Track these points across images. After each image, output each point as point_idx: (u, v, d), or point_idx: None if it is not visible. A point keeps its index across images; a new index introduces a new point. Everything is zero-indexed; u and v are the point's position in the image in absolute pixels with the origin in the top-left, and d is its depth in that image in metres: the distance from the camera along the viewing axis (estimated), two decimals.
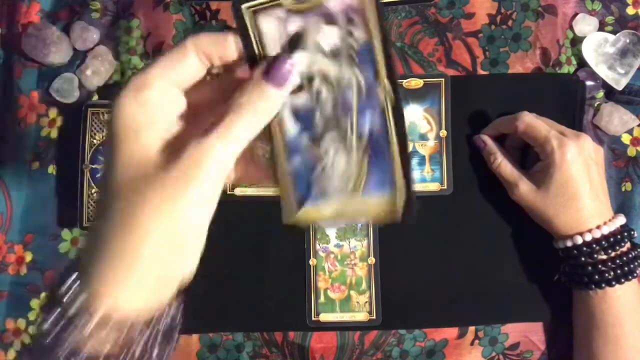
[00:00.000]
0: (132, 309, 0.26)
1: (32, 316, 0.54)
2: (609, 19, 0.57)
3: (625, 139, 0.55)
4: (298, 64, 0.27)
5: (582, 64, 0.56)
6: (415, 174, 0.53)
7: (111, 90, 0.55)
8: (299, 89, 0.28)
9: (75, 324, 0.25)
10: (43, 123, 0.56)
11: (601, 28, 0.56)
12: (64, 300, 0.26)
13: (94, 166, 0.52)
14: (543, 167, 0.48)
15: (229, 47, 0.27)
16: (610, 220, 0.48)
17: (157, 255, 0.25)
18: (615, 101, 0.55)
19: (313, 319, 0.53)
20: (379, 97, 0.28)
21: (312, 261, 0.53)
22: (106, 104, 0.53)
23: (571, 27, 0.56)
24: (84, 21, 0.56)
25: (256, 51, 0.27)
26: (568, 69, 0.56)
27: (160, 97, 0.27)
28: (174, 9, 0.56)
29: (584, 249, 0.47)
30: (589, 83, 0.55)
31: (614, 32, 0.55)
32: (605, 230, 0.47)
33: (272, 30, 0.27)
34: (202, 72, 0.28)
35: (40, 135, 0.56)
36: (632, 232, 0.48)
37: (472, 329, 0.53)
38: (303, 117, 0.28)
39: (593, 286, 0.47)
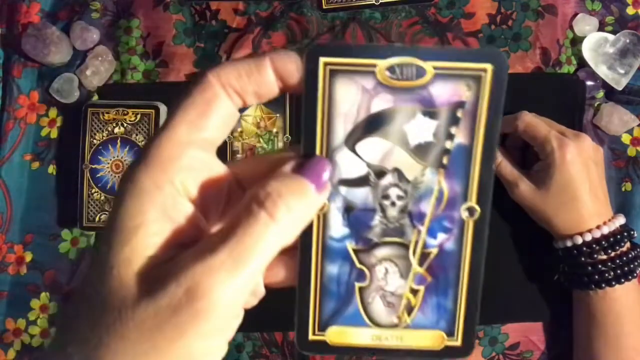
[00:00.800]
0: None
1: (32, 316, 0.54)
2: (609, 19, 0.57)
3: (625, 139, 0.55)
4: (370, 152, 0.21)
5: (582, 64, 0.56)
6: None
7: (111, 90, 0.55)
8: (361, 182, 0.22)
9: None
10: (43, 123, 0.56)
11: (601, 28, 0.56)
12: None
13: (94, 166, 0.52)
14: (543, 167, 0.48)
15: (266, 79, 0.21)
16: (610, 220, 0.48)
17: None
18: (615, 101, 0.55)
19: None
20: (460, 217, 0.22)
21: None
22: (106, 104, 0.53)
23: (571, 27, 0.56)
24: (84, 21, 0.56)
25: (317, 123, 0.21)
26: (568, 69, 0.56)
27: (195, 175, 0.20)
28: (174, 9, 0.56)
29: (584, 249, 0.47)
30: (589, 83, 0.55)
31: (614, 32, 0.55)
32: (605, 230, 0.47)
33: (349, 102, 0.21)
34: (234, 119, 0.21)
35: (40, 135, 0.56)
36: (632, 232, 0.48)
37: None
38: (357, 218, 0.22)
39: (593, 286, 0.47)
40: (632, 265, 0.47)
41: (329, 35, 0.55)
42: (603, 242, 0.47)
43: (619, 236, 0.47)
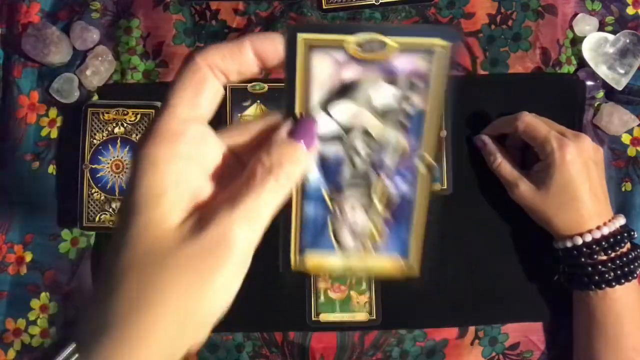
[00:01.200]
0: None
1: (32, 316, 0.54)
2: (609, 19, 0.57)
3: (625, 139, 0.55)
4: (341, 113, 0.25)
5: (582, 64, 0.56)
6: None
7: (111, 90, 0.55)
8: (333, 138, 0.26)
9: None
10: (43, 123, 0.56)
11: (601, 28, 0.56)
12: None
13: (94, 166, 0.52)
14: (543, 168, 0.48)
15: (247, 59, 0.24)
16: (610, 221, 0.48)
17: (167, 339, 0.22)
18: (615, 101, 0.55)
19: (313, 319, 0.53)
20: (416, 167, 0.27)
21: None
22: (106, 104, 0.53)
23: (571, 27, 0.56)
24: (84, 21, 0.56)
25: (296, 90, 0.25)
26: (568, 69, 0.56)
27: (197, 146, 0.24)
28: (174, 9, 0.56)
29: (584, 249, 0.47)
30: (589, 83, 0.55)
31: (614, 32, 0.55)
32: (605, 230, 0.47)
33: (324, 72, 0.25)
34: (220, 94, 0.25)
35: (40, 135, 0.56)
36: (632, 233, 0.48)
37: (472, 329, 0.53)
38: (329, 167, 0.27)
39: (593, 286, 0.47)
40: (632, 266, 0.47)
41: None
42: (603, 243, 0.47)
43: (619, 237, 0.47)
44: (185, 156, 0.23)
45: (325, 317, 0.53)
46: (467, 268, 0.53)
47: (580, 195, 0.47)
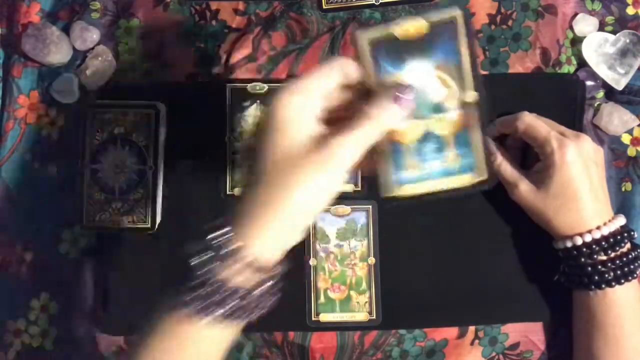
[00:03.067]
0: (269, 257, 0.35)
1: (32, 316, 0.54)
2: (609, 19, 0.57)
3: (625, 139, 0.55)
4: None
5: (582, 64, 0.56)
6: (435, 165, 0.38)
7: (111, 90, 0.55)
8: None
9: (226, 264, 0.34)
10: (43, 123, 0.56)
11: (601, 28, 0.56)
12: (215, 244, 0.35)
13: (94, 166, 0.52)
14: (543, 168, 0.48)
15: (356, 71, 0.36)
16: (610, 221, 0.47)
17: (293, 212, 0.34)
18: (615, 101, 0.55)
19: (313, 319, 0.53)
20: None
21: (312, 261, 0.53)
22: (106, 104, 0.53)
23: (571, 27, 0.56)
24: (84, 21, 0.56)
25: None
26: (568, 69, 0.56)
27: (308, 102, 0.35)
28: (174, 9, 0.56)
29: (584, 249, 0.47)
30: (589, 83, 0.55)
31: (614, 32, 0.55)
32: (605, 230, 0.47)
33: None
34: (337, 85, 0.36)
35: (40, 135, 0.56)
36: (632, 233, 0.48)
37: (472, 329, 0.53)
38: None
39: (593, 287, 0.47)
40: (632, 266, 0.47)
41: (328, 35, 0.55)
42: (603, 243, 0.47)
43: (619, 237, 0.47)
44: (303, 105, 0.34)
45: (325, 317, 0.53)
46: (467, 268, 0.53)
47: (580, 196, 0.47)
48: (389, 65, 0.36)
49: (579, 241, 0.47)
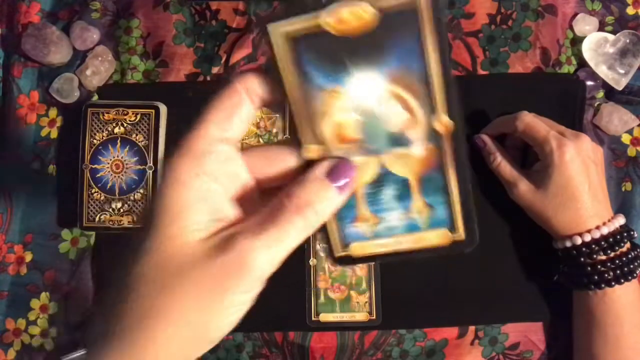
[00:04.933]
0: None
1: (32, 316, 0.54)
2: (609, 19, 0.57)
3: (625, 139, 0.55)
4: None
5: (582, 64, 0.56)
6: (394, 217, 0.37)
7: (111, 90, 0.55)
8: None
9: None
10: (43, 123, 0.56)
11: (601, 28, 0.56)
12: None
13: (94, 166, 0.52)
14: (542, 168, 0.48)
15: (265, 93, 0.25)
16: (609, 221, 0.47)
17: (176, 348, 0.23)
18: (615, 101, 0.55)
19: (313, 319, 0.53)
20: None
21: (312, 261, 0.53)
22: (106, 104, 0.53)
23: (571, 27, 0.56)
24: (84, 21, 0.56)
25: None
26: (568, 69, 0.56)
27: (224, 166, 0.24)
28: (174, 9, 0.56)
29: (583, 249, 0.47)
30: (589, 83, 0.55)
31: (614, 32, 0.55)
32: (605, 230, 0.47)
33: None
34: (253, 118, 0.26)
35: (40, 135, 0.56)
36: (632, 232, 0.48)
37: (472, 329, 0.53)
38: None
39: (592, 286, 0.47)
40: (631, 266, 0.47)
41: None
42: (602, 243, 0.47)
43: (618, 236, 0.47)
44: (211, 175, 0.24)
45: (325, 317, 0.53)
46: (467, 268, 0.53)
47: (579, 195, 0.47)
48: (320, 76, 0.24)
49: (578, 241, 0.47)
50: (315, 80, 0.24)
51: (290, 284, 0.51)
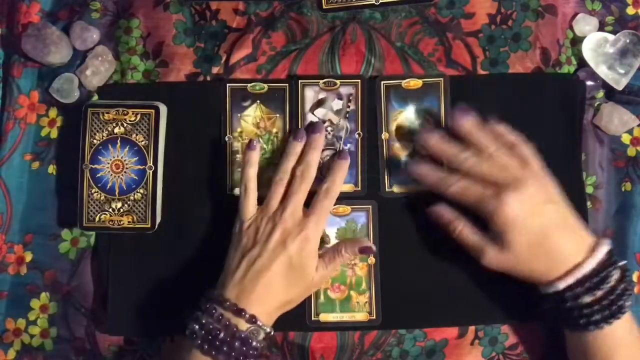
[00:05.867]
0: (266, 320, 0.46)
1: (32, 316, 0.54)
2: (609, 19, 0.57)
3: (625, 139, 0.55)
4: (319, 114, 0.53)
5: (582, 64, 0.56)
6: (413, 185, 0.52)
7: (111, 90, 0.55)
8: None
9: (231, 316, 0.45)
10: (43, 123, 0.56)
11: (601, 28, 0.56)
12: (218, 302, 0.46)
13: (94, 166, 0.52)
14: (495, 229, 0.46)
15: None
16: (592, 253, 0.45)
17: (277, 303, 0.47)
18: (615, 101, 0.55)
19: (313, 319, 0.53)
20: (355, 137, 0.53)
21: None
22: (106, 104, 0.53)
23: (571, 27, 0.56)
24: (84, 21, 0.56)
25: (300, 106, 0.54)
26: (568, 69, 0.56)
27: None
28: (174, 9, 0.56)
29: (567, 294, 0.44)
30: (589, 83, 0.55)
31: (614, 32, 0.55)
32: (587, 267, 0.44)
33: (310, 96, 0.54)
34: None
35: (40, 135, 0.56)
36: (617, 262, 0.45)
37: (472, 329, 0.53)
38: None
39: (580, 329, 0.45)
40: (620, 302, 0.44)
41: (328, 35, 0.55)
42: (587, 284, 0.44)
43: (603, 273, 0.44)
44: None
45: (325, 317, 0.53)
46: (467, 268, 0.53)
47: (545, 244, 0.45)
48: (397, 103, 0.54)
49: (561, 285, 0.45)
50: (394, 105, 0.54)
51: None
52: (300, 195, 0.49)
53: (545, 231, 0.45)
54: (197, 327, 0.45)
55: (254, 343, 0.45)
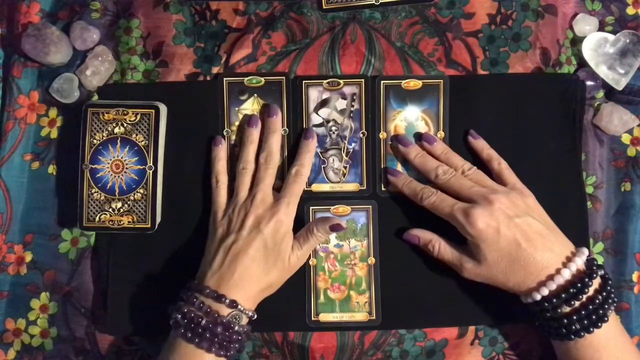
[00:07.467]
0: (249, 305, 0.48)
1: (32, 316, 0.54)
2: (609, 19, 0.57)
3: (625, 139, 0.55)
4: (323, 113, 0.54)
5: (582, 64, 0.56)
6: (413, 174, 0.53)
7: (111, 90, 0.55)
8: (320, 125, 0.54)
9: (213, 302, 0.46)
10: (43, 123, 0.56)
11: (601, 28, 0.56)
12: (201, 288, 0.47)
13: (94, 166, 0.52)
14: (469, 242, 0.48)
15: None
16: (567, 263, 0.45)
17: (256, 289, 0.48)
18: (615, 101, 0.55)
19: (313, 319, 0.53)
20: (360, 136, 0.54)
21: (312, 261, 0.53)
22: (106, 104, 0.53)
23: (571, 27, 0.56)
24: (84, 21, 0.56)
25: (304, 106, 0.54)
26: (568, 69, 0.56)
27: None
28: (174, 9, 0.56)
29: (545, 304, 0.45)
30: (589, 83, 0.55)
31: (614, 32, 0.55)
32: (560, 279, 0.45)
33: (314, 95, 0.54)
34: None
35: (40, 135, 0.56)
36: (597, 270, 0.45)
37: (472, 329, 0.53)
38: (320, 139, 0.54)
39: (562, 338, 0.46)
40: (600, 312, 0.44)
41: (328, 35, 0.55)
42: (562, 295, 0.45)
43: (579, 284, 0.44)
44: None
45: (325, 317, 0.53)
46: None
47: (516, 255, 0.46)
48: (396, 103, 0.54)
49: (537, 296, 0.46)
50: (393, 105, 0.54)
51: (290, 284, 0.51)
52: (267, 181, 0.51)
53: (516, 244, 0.46)
54: (179, 316, 0.46)
55: (237, 327, 0.46)
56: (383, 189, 0.54)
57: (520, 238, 0.46)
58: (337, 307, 0.53)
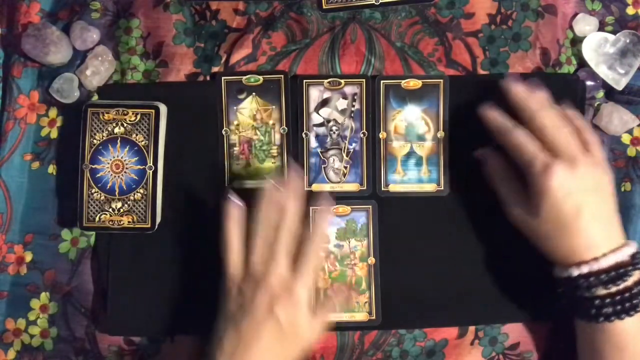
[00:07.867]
0: None
1: (32, 316, 0.54)
2: (609, 19, 0.57)
3: (625, 139, 0.56)
4: (324, 113, 0.54)
5: (582, 64, 0.56)
6: (413, 174, 0.54)
7: (111, 90, 0.55)
8: (321, 124, 0.54)
9: None
10: (43, 123, 0.56)
11: (601, 28, 0.56)
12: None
13: (94, 166, 0.52)
14: (533, 192, 0.46)
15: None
16: (614, 251, 0.44)
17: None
18: (615, 101, 0.55)
19: None
20: (360, 136, 0.54)
21: None
22: (106, 104, 0.53)
23: (571, 27, 0.56)
24: (84, 21, 0.56)
25: (304, 106, 0.54)
26: (568, 69, 0.56)
27: None
28: (174, 8, 0.56)
29: (581, 281, 0.44)
30: (589, 83, 0.55)
31: (614, 32, 0.55)
32: (604, 263, 0.44)
33: (315, 95, 0.54)
34: None
35: (40, 135, 0.56)
36: None
37: (472, 329, 0.53)
38: (321, 139, 0.54)
39: (590, 319, 0.45)
40: (635, 301, 0.43)
41: (328, 35, 0.55)
42: (602, 277, 0.43)
43: (621, 270, 0.43)
44: None
45: None
46: (467, 268, 0.53)
47: (571, 224, 0.44)
48: (395, 102, 0.54)
49: (575, 272, 0.44)
50: (393, 104, 0.54)
51: None
52: (283, 253, 0.45)
53: (578, 213, 0.44)
54: None
55: None
56: (383, 188, 0.54)
57: (585, 210, 0.44)
58: (337, 307, 0.53)
